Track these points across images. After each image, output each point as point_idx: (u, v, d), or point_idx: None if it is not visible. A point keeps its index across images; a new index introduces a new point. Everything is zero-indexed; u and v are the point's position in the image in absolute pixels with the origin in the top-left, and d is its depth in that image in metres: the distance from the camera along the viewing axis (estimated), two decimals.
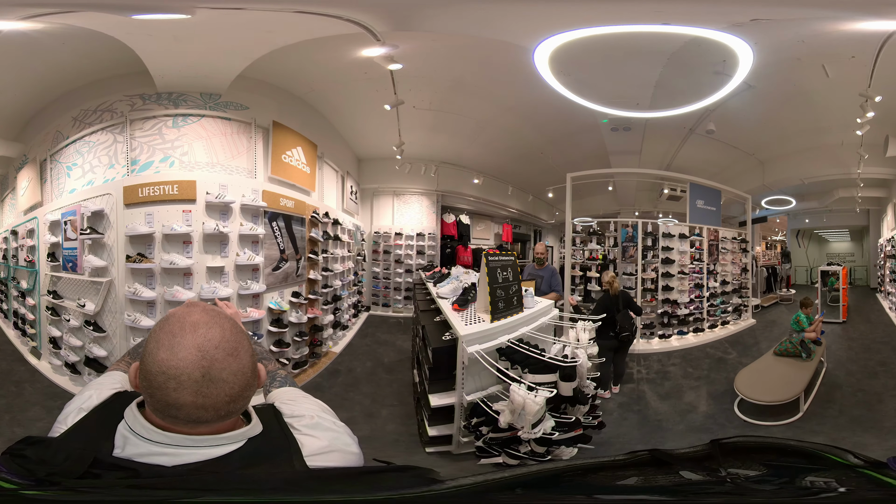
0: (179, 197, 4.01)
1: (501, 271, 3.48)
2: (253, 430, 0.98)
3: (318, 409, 1.14)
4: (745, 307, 5.79)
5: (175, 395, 0.88)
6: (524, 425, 2.63)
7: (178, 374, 0.89)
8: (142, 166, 4.11)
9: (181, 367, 0.89)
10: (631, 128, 5.08)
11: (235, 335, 0.96)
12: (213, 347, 0.91)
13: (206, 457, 0.91)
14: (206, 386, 0.89)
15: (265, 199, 4.42)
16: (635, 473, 1.02)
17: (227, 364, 0.92)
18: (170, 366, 0.89)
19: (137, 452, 0.90)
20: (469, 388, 3.07)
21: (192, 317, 0.95)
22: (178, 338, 0.91)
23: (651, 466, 1.03)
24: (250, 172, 4.46)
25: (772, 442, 1.08)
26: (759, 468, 1.02)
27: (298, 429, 1.03)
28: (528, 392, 2.65)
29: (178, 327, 0.93)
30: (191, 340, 0.91)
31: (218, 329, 0.94)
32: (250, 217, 4.35)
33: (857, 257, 6.11)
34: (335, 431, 1.07)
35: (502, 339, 3.13)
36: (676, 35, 3.73)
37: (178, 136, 4.15)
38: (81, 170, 4.31)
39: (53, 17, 3.18)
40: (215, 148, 4.26)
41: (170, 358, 0.89)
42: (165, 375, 0.89)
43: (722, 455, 1.03)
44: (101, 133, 4.23)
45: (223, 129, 4.32)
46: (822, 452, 1.02)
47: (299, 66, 4.41)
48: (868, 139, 4.49)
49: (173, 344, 0.90)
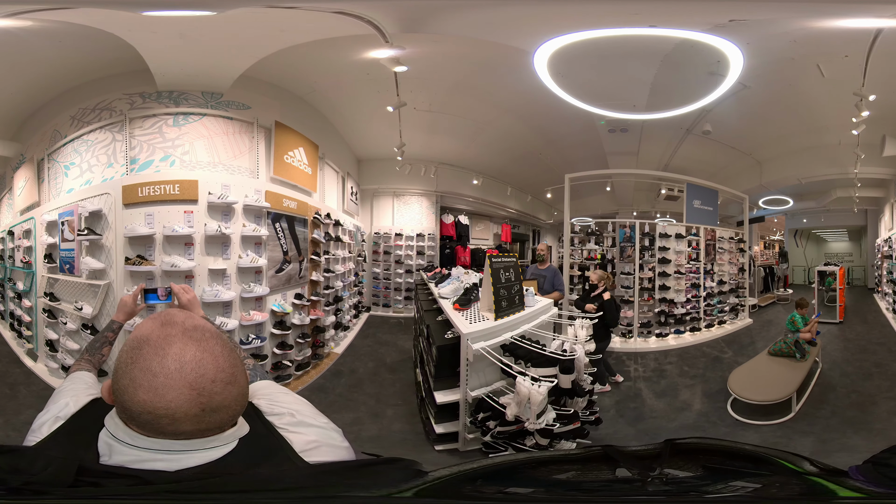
0: (181, 197, 3.95)
1: (504, 272, 3.57)
2: (241, 431, 0.94)
3: (296, 404, 1.11)
4: (741, 307, 5.83)
5: (171, 427, 0.83)
6: (529, 416, 2.74)
7: (171, 412, 0.81)
8: (141, 165, 4.05)
9: (173, 407, 0.81)
10: (628, 129, 5.10)
11: (228, 357, 0.88)
12: (210, 382, 0.83)
13: (206, 460, 0.87)
14: (207, 416, 0.84)
15: (268, 200, 4.38)
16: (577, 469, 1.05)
17: (228, 392, 0.85)
18: (157, 407, 0.81)
19: (127, 460, 0.85)
20: (473, 385, 3.16)
21: (172, 346, 0.84)
22: (160, 378, 0.81)
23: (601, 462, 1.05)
24: (252, 173, 4.42)
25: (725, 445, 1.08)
26: (698, 470, 1.03)
27: (282, 427, 1.00)
28: (532, 383, 2.76)
29: (159, 363, 0.82)
30: (179, 380, 0.81)
31: (209, 357, 0.85)
32: (253, 218, 4.31)
33: (854, 257, 6.13)
34: (319, 427, 1.05)
35: (505, 337, 3.23)
36: (668, 38, 3.77)
37: (179, 135, 4.09)
38: (79, 169, 4.25)
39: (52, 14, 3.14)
40: (217, 147, 4.22)
41: (155, 400, 0.81)
42: (154, 415, 0.82)
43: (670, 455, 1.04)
44: (100, 132, 4.16)
45: (225, 128, 4.28)
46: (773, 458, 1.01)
47: (301, 67, 4.39)
48: (865, 139, 4.51)
49: (156, 385, 0.81)
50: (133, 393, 0.82)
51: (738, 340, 5.46)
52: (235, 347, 1.49)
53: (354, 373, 5.13)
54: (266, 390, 1.18)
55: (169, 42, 3.49)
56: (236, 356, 0.91)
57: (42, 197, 4.50)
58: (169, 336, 0.85)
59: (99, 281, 3.99)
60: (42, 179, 4.48)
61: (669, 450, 1.05)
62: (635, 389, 4.70)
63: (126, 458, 0.85)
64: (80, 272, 4.13)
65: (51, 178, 4.43)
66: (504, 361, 3.03)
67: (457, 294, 3.99)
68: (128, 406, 0.83)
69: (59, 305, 4.29)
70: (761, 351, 4.89)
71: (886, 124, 4.52)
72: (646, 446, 1.08)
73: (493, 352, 3.05)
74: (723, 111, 4.76)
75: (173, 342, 0.85)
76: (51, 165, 4.42)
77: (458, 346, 3.17)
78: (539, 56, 3.98)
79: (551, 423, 2.83)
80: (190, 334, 0.87)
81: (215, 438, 0.89)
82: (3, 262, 5.06)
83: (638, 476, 0.99)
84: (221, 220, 4.09)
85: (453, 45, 4.05)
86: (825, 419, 4.09)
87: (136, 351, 0.85)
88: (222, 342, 0.90)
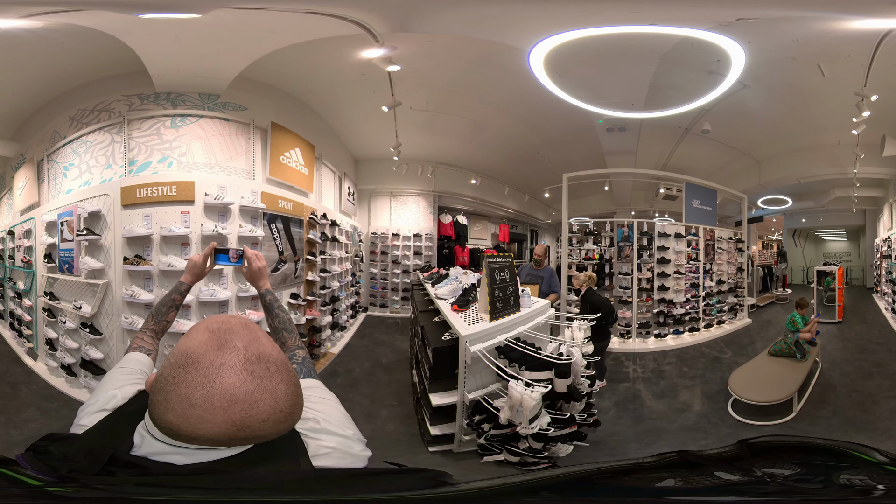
0: (178, 198, 3.99)
1: (499, 272, 3.54)
2: None
3: (328, 412, 1.10)
4: (740, 307, 5.81)
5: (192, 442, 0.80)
6: (521, 421, 2.70)
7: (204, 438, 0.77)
8: (140, 167, 4.09)
9: (202, 437, 0.76)
10: (626, 128, 5.09)
11: (291, 396, 0.80)
12: (261, 422, 0.76)
13: (218, 456, 0.85)
14: (240, 440, 0.79)
15: (264, 201, 4.42)
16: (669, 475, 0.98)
17: (276, 430, 0.80)
18: (182, 431, 0.76)
19: (152, 451, 0.85)
20: (470, 386, 3.12)
21: (225, 380, 0.75)
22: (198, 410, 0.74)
23: (682, 468, 1.00)
24: (249, 174, 4.46)
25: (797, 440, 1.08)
26: (792, 467, 1.00)
27: (303, 431, 0.99)
28: (524, 388, 2.71)
29: (202, 396, 0.74)
30: (221, 417, 0.74)
31: (269, 399, 0.76)
32: (249, 218, 4.34)
33: (853, 257, 6.10)
34: (341, 436, 1.04)
35: (501, 338, 3.18)
36: (668, 36, 3.74)
37: (177, 137, 4.13)
38: (78, 170, 4.29)
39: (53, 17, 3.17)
40: (214, 149, 4.25)
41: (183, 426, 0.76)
42: (176, 435, 0.78)
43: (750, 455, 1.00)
44: (99, 133, 4.21)
45: (222, 129, 4.31)
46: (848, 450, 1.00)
47: (297, 68, 4.42)
48: (865, 139, 4.49)
49: (190, 416, 0.75)
50: (163, 412, 0.77)
51: (738, 340, 5.44)
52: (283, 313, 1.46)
53: (350, 373, 5.15)
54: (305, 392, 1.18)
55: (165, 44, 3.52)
56: (299, 391, 0.83)
57: (42, 197, 4.55)
58: (224, 366, 0.76)
59: (98, 280, 4.02)
60: (42, 180, 4.53)
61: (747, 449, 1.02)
62: (634, 390, 4.68)
63: (152, 449, 0.84)
64: (79, 272, 4.17)
65: (50, 179, 4.47)
66: (497, 365, 3.00)
67: (455, 295, 3.95)
68: (154, 418, 0.81)
69: (59, 304, 4.33)
70: (760, 351, 4.88)
71: (886, 124, 4.50)
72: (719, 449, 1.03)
73: (488, 355, 3.02)
74: (722, 110, 4.74)
75: (227, 375, 0.75)
76: (50, 166, 4.46)
77: (454, 348, 3.13)
78: (535, 55, 3.96)
79: (545, 427, 2.78)
80: (251, 368, 0.77)
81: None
82: (4, 262, 5.11)
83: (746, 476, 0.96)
84: (218, 220, 4.13)
85: (447, 42, 4.05)
86: (826, 419, 4.07)
87: (181, 371, 0.77)
88: (288, 377, 0.81)
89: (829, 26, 3.54)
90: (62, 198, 4.36)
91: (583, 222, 5.78)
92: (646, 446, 3.83)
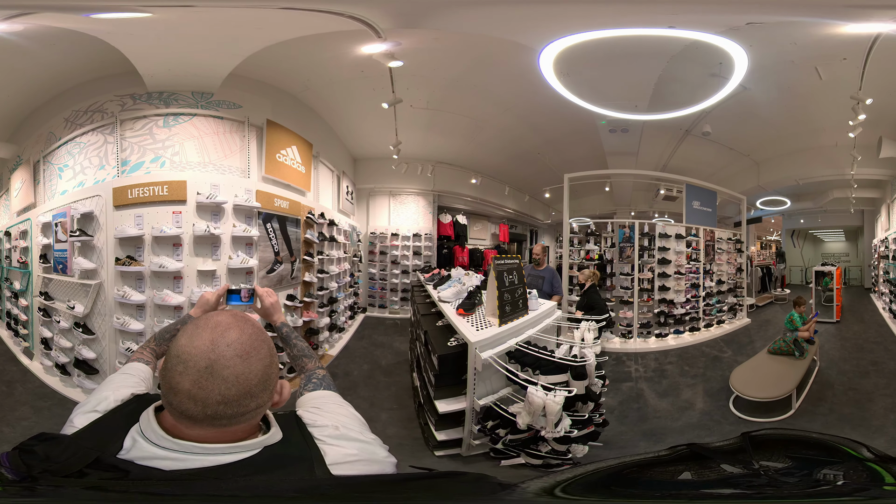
0: (169, 198, 3.94)
1: (507, 274, 3.48)
2: (271, 439, 0.98)
3: (346, 419, 1.13)
4: (739, 307, 5.84)
5: (178, 378, 0.91)
6: (546, 425, 2.69)
7: (187, 359, 0.92)
8: (132, 167, 4.05)
9: (192, 353, 0.93)
10: (629, 129, 5.08)
11: (253, 341, 0.98)
12: (225, 345, 0.94)
13: (214, 463, 0.90)
14: (205, 378, 0.91)
15: (259, 200, 4.36)
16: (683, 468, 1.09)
17: (233, 364, 0.93)
18: (183, 350, 0.93)
19: (140, 455, 0.91)
20: (479, 393, 3.04)
21: (219, 317, 1.00)
22: (200, 329, 0.96)
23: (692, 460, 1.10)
24: (243, 172, 4.41)
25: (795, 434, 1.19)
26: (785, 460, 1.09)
27: (321, 438, 1.02)
28: (546, 393, 2.68)
29: (204, 322, 0.98)
30: (208, 334, 0.95)
31: (237, 331, 0.97)
32: (244, 218, 4.29)
33: (851, 257, 6.14)
34: (363, 442, 1.05)
35: (511, 343, 3.11)
36: (678, 39, 3.78)
37: (169, 136, 4.09)
38: (73, 171, 4.26)
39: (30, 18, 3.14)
40: (207, 147, 4.21)
41: (186, 344, 0.94)
42: (178, 359, 0.93)
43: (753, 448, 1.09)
44: (92, 134, 4.17)
45: (216, 127, 4.26)
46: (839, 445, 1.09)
47: (294, 64, 4.36)
48: (862, 141, 4.52)
49: (194, 334, 0.95)
50: (179, 338, 0.96)
51: (737, 340, 5.48)
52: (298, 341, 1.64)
53: (349, 375, 5.09)
54: (320, 401, 1.22)
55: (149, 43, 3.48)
56: (265, 349, 0.99)
57: (38, 198, 4.52)
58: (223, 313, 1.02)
59: (90, 281, 4.00)
60: (38, 181, 4.51)
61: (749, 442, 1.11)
62: (637, 390, 4.70)
63: (141, 453, 0.92)
64: (72, 272, 4.15)
65: (46, 180, 4.45)
66: (512, 371, 2.94)
67: (458, 297, 3.86)
68: (170, 352, 0.96)
69: (54, 304, 4.32)
70: (759, 350, 4.95)
71: (883, 126, 4.53)
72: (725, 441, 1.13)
73: (500, 360, 2.96)
74: (722, 112, 4.76)
75: (223, 315, 1.01)
76: (46, 167, 4.44)
77: (461, 354, 3.05)
78: (546, 54, 3.95)
79: (569, 429, 2.79)
80: (237, 315, 1.01)
81: (239, 445, 0.93)
82: (1, 263, 5.10)
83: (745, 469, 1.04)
84: (211, 220, 4.08)
85: (450, 39, 4.00)
86: (824, 416, 4.15)
87: (199, 317, 1.02)
88: (257, 332, 1.00)
89: (826, 30, 3.61)
90: (57, 199, 4.33)
91: (583, 222, 5.77)
92: (654, 444, 3.90)
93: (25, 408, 4.05)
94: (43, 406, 4.09)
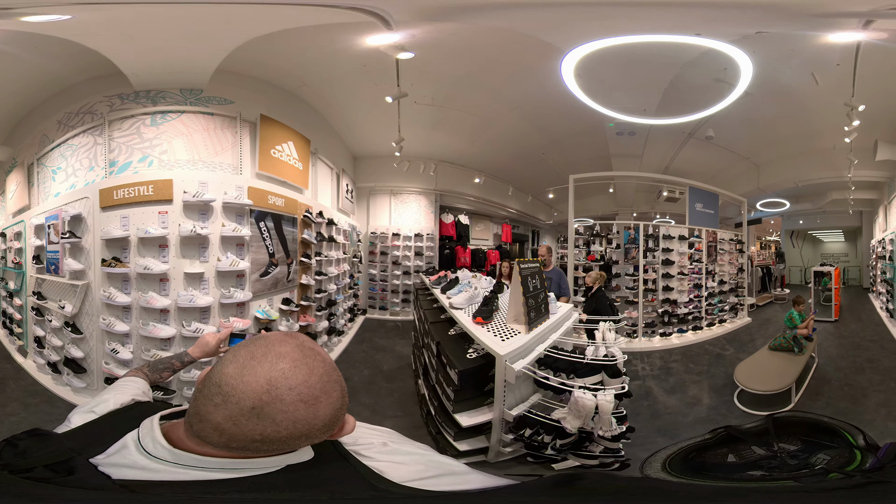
0: (155, 198, 3.85)
1: (531, 279, 3.40)
2: (297, 458, 0.85)
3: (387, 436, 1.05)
4: (741, 306, 5.96)
5: (210, 409, 0.80)
6: (602, 425, 2.72)
7: (230, 392, 0.80)
8: (120, 167, 3.97)
9: (238, 388, 0.80)
10: (635, 132, 5.17)
11: (324, 384, 0.85)
12: (287, 388, 0.80)
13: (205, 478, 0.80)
14: (247, 417, 0.79)
15: (251, 197, 4.23)
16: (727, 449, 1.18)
17: (293, 409, 0.81)
18: (226, 382, 0.80)
19: (120, 462, 0.82)
20: (509, 403, 2.92)
21: (282, 347, 0.84)
22: (255, 361, 0.82)
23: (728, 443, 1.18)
24: (235, 169, 4.30)
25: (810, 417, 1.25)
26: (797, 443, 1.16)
27: (370, 456, 0.92)
28: (594, 395, 2.69)
29: (263, 352, 0.83)
30: (265, 370, 0.81)
31: (305, 371, 0.83)
32: (234, 217, 4.16)
33: (850, 258, 6.27)
34: (420, 453, 0.97)
35: (539, 350, 3.04)
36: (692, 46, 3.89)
37: (157, 135, 4.00)
38: (65, 173, 4.21)
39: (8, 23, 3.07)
40: (196, 144, 4.11)
41: (234, 375, 0.81)
42: (217, 388, 0.81)
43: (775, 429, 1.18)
44: (83, 135, 4.11)
45: (205, 124, 4.17)
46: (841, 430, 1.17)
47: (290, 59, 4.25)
48: (858, 143, 4.63)
49: (246, 366, 0.81)
50: (227, 364, 0.83)
51: (739, 338, 5.63)
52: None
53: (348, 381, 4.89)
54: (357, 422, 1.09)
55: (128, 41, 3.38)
56: (337, 390, 0.87)
57: (31, 200, 4.47)
58: (286, 340, 0.86)
59: (79, 281, 3.95)
60: (32, 183, 4.46)
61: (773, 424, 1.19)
62: (646, 388, 4.79)
63: (122, 460, 0.83)
64: (63, 273, 4.11)
65: (40, 183, 4.40)
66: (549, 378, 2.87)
67: (471, 303, 3.69)
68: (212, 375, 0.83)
69: (46, 304, 4.30)
70: (760, 347, 5.18)
71: (878, 129, 4.69)
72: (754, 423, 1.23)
73: (533, 370, 2.87)
74: (724, 116, 4.89)
75: (287, 344, 0.85)
76: (40, 170, 4.39)
77: (483, 367, 2.91)
78: (570, 56, 3.99)
79: (618, 424, 2.81)
80: (304, 348, 0.86)
81: (250, 462, 0.83)
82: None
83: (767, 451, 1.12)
84: (199, 219, 3.97)
85: (466, 34, 3.91)
86: (820, 409, 4.31)
87: (254, 339, 0.88)
88: (329, 370, 0.87)
89: (820, 38, 3.74)
90: (50, 201, 4.28)
91: (585, 223, 5.77)
92: (670, 438, 3.91)
93: (16, 403, 4.09)
94: (32, 403, 4.12)
